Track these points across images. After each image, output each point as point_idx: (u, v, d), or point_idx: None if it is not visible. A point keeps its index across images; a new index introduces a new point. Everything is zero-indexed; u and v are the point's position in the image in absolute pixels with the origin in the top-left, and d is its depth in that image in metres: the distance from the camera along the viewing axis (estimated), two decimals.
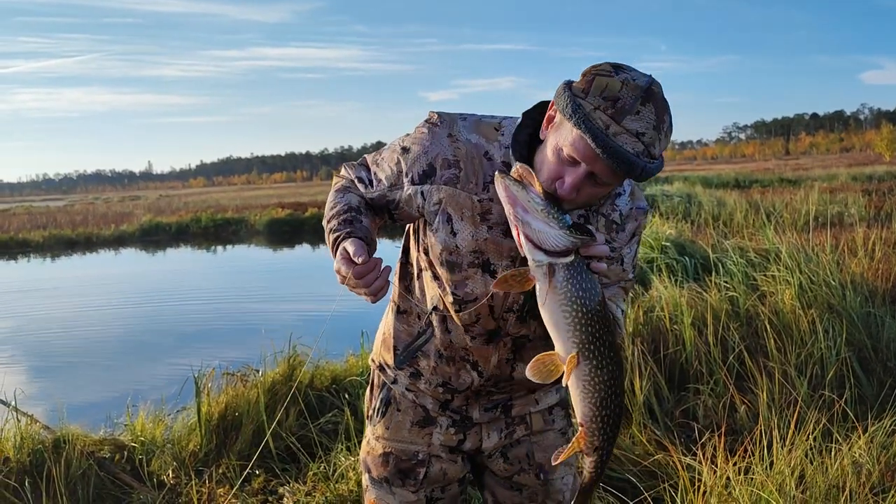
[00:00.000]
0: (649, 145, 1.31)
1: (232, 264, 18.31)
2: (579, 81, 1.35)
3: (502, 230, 1.51)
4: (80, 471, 3.45)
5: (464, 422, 1.75)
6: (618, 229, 1.60)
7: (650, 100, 1.31)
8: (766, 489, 2.34)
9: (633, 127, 1.29)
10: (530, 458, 1.79)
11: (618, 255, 1.61)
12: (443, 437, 1.75)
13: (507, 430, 1.78)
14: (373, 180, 1.63)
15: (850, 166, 36.30)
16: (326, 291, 12.38)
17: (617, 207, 1.60)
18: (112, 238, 24.38)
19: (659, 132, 1.32)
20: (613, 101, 1.30)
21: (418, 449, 1.75)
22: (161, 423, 4.15)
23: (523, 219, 1.31)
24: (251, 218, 26.07)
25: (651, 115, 1.30)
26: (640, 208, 1.64)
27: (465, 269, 1.55)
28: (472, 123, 1.56)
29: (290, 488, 3.46)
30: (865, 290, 4.87)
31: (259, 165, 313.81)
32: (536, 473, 1.80)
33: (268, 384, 4.25)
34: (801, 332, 4.19)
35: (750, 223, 9.01)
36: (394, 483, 1.76)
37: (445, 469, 1.76)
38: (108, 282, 15.01)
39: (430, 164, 1.53)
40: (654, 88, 1.32)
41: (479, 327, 1.61)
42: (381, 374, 1.81)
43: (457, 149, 1.52)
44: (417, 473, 1.75)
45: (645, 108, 1.30)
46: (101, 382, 6.99)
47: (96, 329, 9.87)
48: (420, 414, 1.76)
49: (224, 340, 8.47)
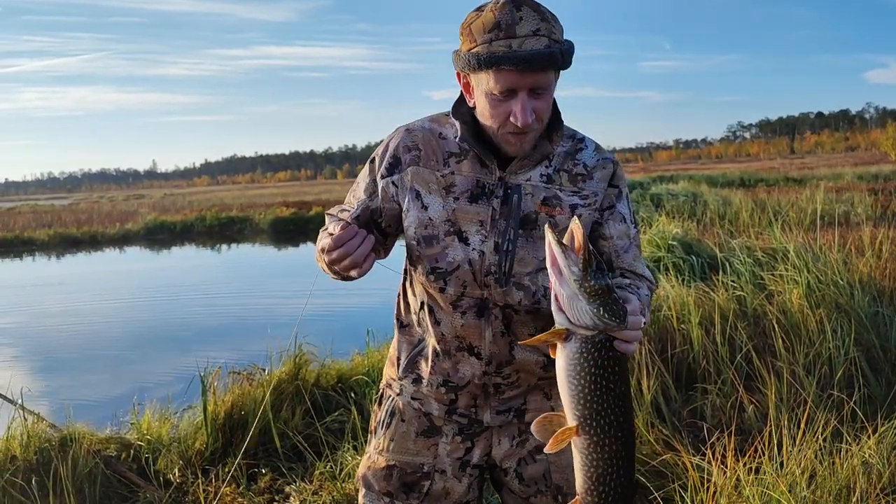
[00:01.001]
0: (549, 34, 1.44)
1: (237, 263, 18.33)
2: (462, 43, 1.51)
3: (467, 198, 1.59)
4: (86, 469, 3.45)
5: (471, 426, 1.70)
6: (585, 178, 1.64)
7: (521, 4, 1.44)
8: (776, 489, 2.32)
9: (527, 30, 1.43)
10: (547, 478, 1.72)
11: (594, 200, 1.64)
12: (449, 446, 1.71)
13: (519, 437, 1.71)
14: (352, 201, 1.74)
15: (856, 165, 36.18)
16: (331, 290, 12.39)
17: (579, 161, 1.65)
18: (117, 237, 24.43)
19: (548, 21, 1.45)
20: (497, 27, 1.43)
21: (423, 461, 1.71)
22: (167, 421, 4.15)
23: (557, 280, 1.31)
24: (255, 217, 26.11)
25: (531, 12, 1.44)
26: (608, 158, 1.68)
27: (442, 238, 1.60)
28: (426, 118, 1.70)
29: (297, 487, 3.46)
30: (873, 290, 4.85)
31: (263, 164, 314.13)
32: (554, 496, 1.72)
33: (274, 383, 4.25)
34: (809, 332, 4.17)
35: (756, 222, 8.99)
36: (397, 497, 1.72)
37: (449, 488, 1.71)
38: (114, 280, 15.04)
39: (393, 155, 1.66)
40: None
41: (467, 300, 1.61)
42: (387, 390, 1.81)
43: (414, 136, 1.66)
44: (422, 486, 1.70)
45: (522, 11, 1.43)
46: (106, 381, 7.00)
47: (101, 327, 9.89)
48: (425, 423, 1.72)
49: (229, 339, 8.48)
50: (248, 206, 30.60)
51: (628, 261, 1.66)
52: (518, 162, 1.58)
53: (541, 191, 1.60)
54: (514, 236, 1.58)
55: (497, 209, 1.58)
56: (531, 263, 1.59)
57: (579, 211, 1.61)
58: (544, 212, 1.59)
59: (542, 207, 1.59)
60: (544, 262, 1.55)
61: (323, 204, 28.42)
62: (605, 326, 1.27)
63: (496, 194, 1.58)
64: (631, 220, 1.69)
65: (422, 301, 1.67)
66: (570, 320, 1.29)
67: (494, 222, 1.58)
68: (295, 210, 26.68)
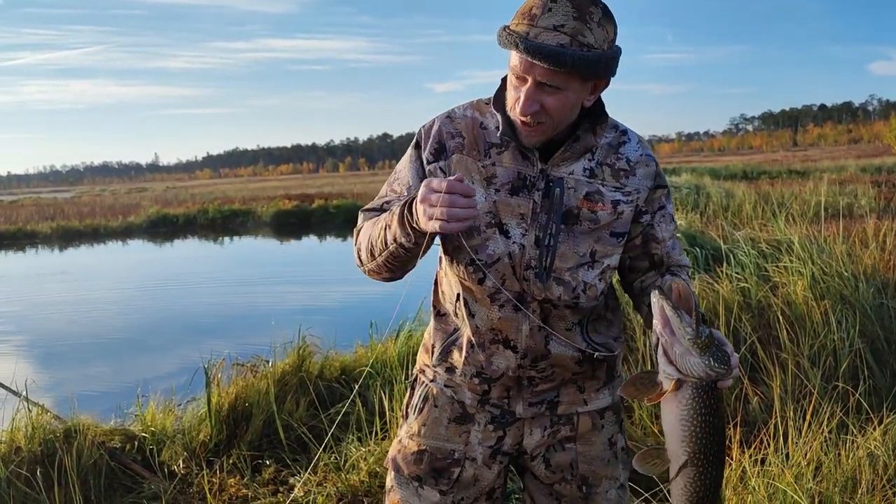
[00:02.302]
0: (575, 35, 1.40)
1: (239, 255, 18.35)
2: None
3: (508, 190, 1.57)
4: (91, 460, 3.45)
5: (504, 417, 1.69)
6: (627, 174, 1.61)
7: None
8: (782, 480, 2.32)
9: (549, 23, 1.39)
10: (574, 467, 1.71)
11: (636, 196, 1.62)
12: (481, 434, 1.69)
13: (551, 428, 1.70)
14: (396, 190, 1.68)
15: (859, 158, 36.15)
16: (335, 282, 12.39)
17: (622, 155, 1.62)
18: (119, 229, 24.45)
19: (584, 21, 1.40)
20: (528, 12, 1.42)
21: (454, 448, 1.70)
22: (171, 413, 4.15)
23: (669, 339, 1.36)
24: (258, 209, 26.11)
25: (566, 7, 1.40)
26: (649, 155, 1.65)
27: (484, 230, 1.57)
28: (468, 104, 1.67)
29: (301, 478, 3.46)
30: (878, 282, 4.83)
31: (265, 157, 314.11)
32: (579, 485, 1.71)
33: (277, 374, 4.25)
34: (813, 324, 4.16)
35: (760, 214, 8.96)
36: (426, 482, 1.70)
37: (478, 475, 1.70)
38: (117, 273, 15.06)
39: (438, 141, 1.63)
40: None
41: (505, 294, 1.58)
42: (421, 376, 1.79)
43: (456, 123, 1.63)
44: (451, 473, 1.69)
45: (557, 4, 1.40)
46: (110, 373, 7.01)
47: (105, 320, 9.91)
48: (458, 410, 1.71)
49: (233, 331, 8.48)
50: (250, 199, 30.60)
51: (676, 257, 1.69)
52: (561, 154, 1.56)
53: (583, 185, 1.58)
54: (555, 231, 1.56)
55: (538, 202, 1.56)
56: (572, 258, 1.58)
57: (621, 207, 1.59)
58: (587, 207, 1.57)
59: (584, 202, 1.57)
60: (585, 258, 1.58)
61: (325, 196, 28.44)
62: (717, 375, 1.35)
63: (538, 187, 1.56)
64: (672, 216, 1.70)
65: (457, 293, 1.65)
66: (682, 372, 1.36)
67: (535, 216, 1.56)
68: (297, 203, 26.68)
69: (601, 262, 1.60)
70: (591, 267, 1.59)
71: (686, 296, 1.38)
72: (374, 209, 1.69)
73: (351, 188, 36.42)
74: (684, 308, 1.36)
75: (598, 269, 1.60)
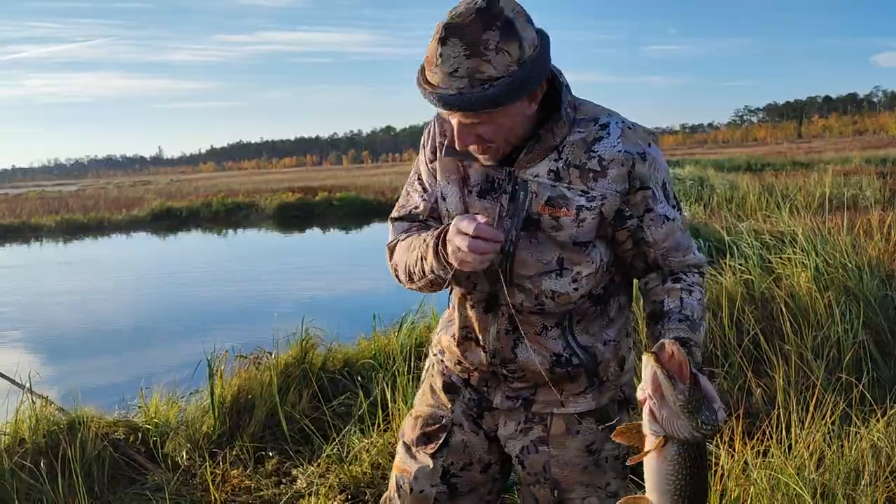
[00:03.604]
0: (472, 75, 1.34)
1: (243, 248, 18.36)
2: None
3: (477, 192, 1.56)
4: (94, 452, 3.46)
5: (482, 402, 1.72)
6: (597, 177, 1.48)
7: (450, 35, 1.33)
8: (785, 472, 2.32)
9: (444, 70, 1.35)
10: (546, 471, 1.68)
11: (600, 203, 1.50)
12: (465, 405, 1.74)
13: (524, 424, 1.69)
14: (411, 194, 1.70)
15: (864, 149, 35.95)
16: (338, 274, 12.40)
17: (595, 153, 1.49)
18: (124, 222, 24.47)
19: (479, 55, 1.33)
20: (429, 58, 1.38)
21: (443, 414, 1.75)
22: (175, 405, 4.16)
23: (658, 402, 1.32)
24: (261, 202, 26.11)
25: (455, 48, 1.33)
26: (629, 151, 1.49)
27: None
28: None
29: (304, 470, 3.47)
30: (882, 273, 4.82)
31: (269, 150, 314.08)
32: (551, 489, 1.69)
33: (280, 367, 4.25)
34: (817, 315, 4.15)
35: (764, 206, 8.93)
36: (417, 445, 1.75)
37: (467, 441, 1.71)
38: (121, 265, 15.08)
39: (432, 143, 1.65)
40: (456, 19, 1.34)
41: (478, 293, 1.61)
42: (430, 349, 1.86)
43: (442, 124, 1.62)
44: (438, 437, 1.73)
45: (447, 47, 1.33)
46: (114, 365, 7.04)
47: (109, 312, 9.94)
48: (447, 380, 1.76)
49: (236, 323, 8.50)
50: (254, 192, 30.60)
51: (678, 259, 1.59)
52: (524, 156, 1.50)
53: (546, 189, 1.50)
54: (515, 237, 1.51)
55: (505, 206, 1.52)
56: (534, 266, 1.53)
57: (583, 214, 1.49)
58: (548, 213, 1.50)
59: (545, 208, 1.50)
60: (550, 265, 1.53)
61: (329, 189, 28.43)
62: (703, 436, 1.32)
63: (505, 190, 1.52)
64: (675, 208, 1.58)
65: (451, 286, 1.70)
66: (667, 433, 1.33)
67: (501, 220, 1.52)
68: (301, 195, 26.67)
69: (570, 270, 1.53)
70: (560, 275, 1.53)
71: (680, 360, 1.31)
72: (404, 218, 1.71)
73: (354, 181, 36.40)
74: (675, 371, 1.31)
75: (567, 276, 1.54)
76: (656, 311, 1.58)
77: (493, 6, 1.34)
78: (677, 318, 1.53)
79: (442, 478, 1.72)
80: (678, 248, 1.59)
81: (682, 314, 1.53)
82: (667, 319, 1.54)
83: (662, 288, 1.59)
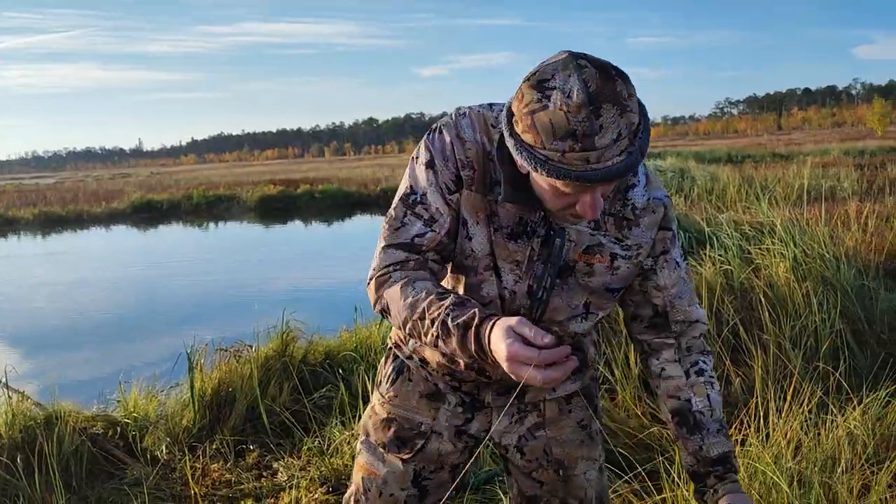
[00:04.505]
0: (627, 135, 1.19)
1: (224, 241, 18.25)
2: (520, 125, 1.23)
3: (507, 234, 1.44)
4: (72, 447, 3.43)
5: (474, 403, 1.69)
6: (630, 225, 1.47)
7: (599, 101, 1.16)
8: (762, 461, 2.33)
9: (607, 141, 1.17)
10: (548, 453, 1.71)
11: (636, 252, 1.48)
12: (450, 413, 1.68)
13: (518, 415, 1.70)
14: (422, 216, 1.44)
15: (843, 141, 36.37)
16: (320, 267, 12.36)
17: (629, 201, 1.46)
18: (103, 215, 24.25)
19: (625, 108, 1.18)
20: (572, 135, 1.16)
21: (422, 420, 1.69)
22: (154, 399, 4.13)
23: None
24: (243, 195, 25.94)
25: (611, 112, 1.16)
26: (657, 198, 1.49)
27: (481, 272, 1.48)
28: (473, 119, 1.46)
29: (285, 463, 3.46)
30: (859, 263, 4.87)
31: (250, 142, 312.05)
32: (556, 470, 1.72)
33: (261, 359, 4.23)
34: (795, 305, 4.19)
35: (743, 197, 9.00)
36: (389, 450, 1.70)
37: (442, 449, 1.69)
38: (101, 258, 14.94)
39: (455, 172, 1.44)
40: (592, 86, 1.16)
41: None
42: (396, 350, 1.76)
43: (468, 149, 1.43)
44: (415, 444, 1.69)
45: (602, 115, 1.16)
46: (93, 359, 6.97)
47: (88, 306, 9.84)
48: (431, 388, 1.69)
49: (217, 316, 8.45)
50: (235, 185, 30.40)
51: (683, 308, 1.56)
52: None
53: (585, 238, 1.45)
54: (550, 284, 1.46)
55: (536, 250, 1.44)
56: (564, 312, 1.51)
57: (618, 263, 1.47)
58: (584, 260, 1.46)
59: (582, 256, 1.46)
60: (578, 310, 1.50)
61: (310, 182, 28.30)
62: None
63: (538, 234, 1.44)
64: (682, 259, 1.57)
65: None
66: None
67: (531, 264, 1.45)
68: (282, 188, 26.55)
69: (595, 314, 1.53)
70: (585, 318, 1.53)
71: None
72: (401, 247, 1.44)
73: (336, 173, 36.28)
74: None
75: (591, 320, 1.54)
76: (684, 411, 1.54)
77: (597, 59, 1.23)
78: (715, 427, 1.53)
79: (413, 481, 1.70)
80: (683, 294, 1.56)
81: (716, 419, 1.53)
82: (706, 432, 1.52)
83: (686, 382, 1.55)
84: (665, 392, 1.58)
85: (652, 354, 1.60)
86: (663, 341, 1.57)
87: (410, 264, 1.43)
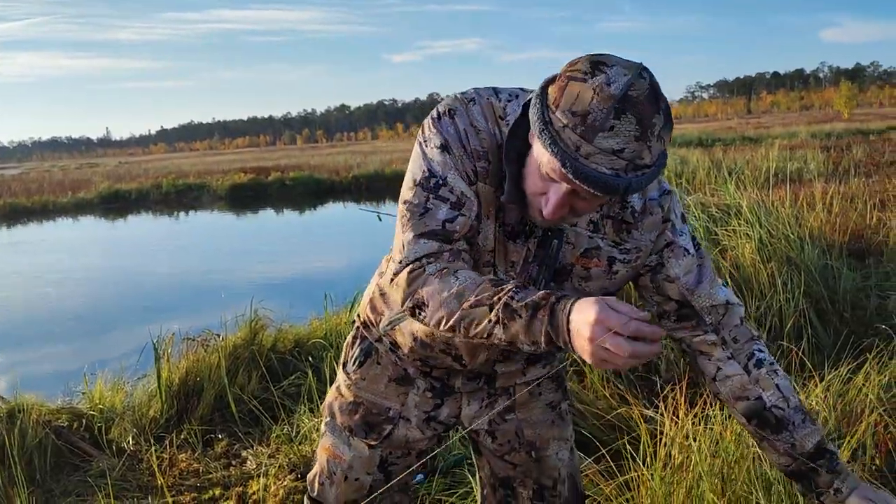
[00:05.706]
0: (633, 159, 1.15)
1: (194, 230, 18.05)
2: (554, 86, 1.19)
3: (507, 231, 1.40)
4: (35, 440, 3.38)
5: (443, 388, 1.67)
6: (630, 228, 1.43)
7: (627, 109, 1.12)
8: (724, 438, 2.36)
9: (608, 145, 1.13)
10: (520, 436, 1.71)
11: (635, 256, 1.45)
12: (419, 398, 1.67)
13: (488, 399, 1.69)
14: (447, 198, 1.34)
15: (810, 124, 36.80)
16: (290, 254, 12.27)
17: (629, 204, 1.42)
18: (70, 206, 23.86)
19: (646, 140, 1.14)
20: (584, 116, 1.13)
21: (391, 406, 1.67)
22: (120, 390, 4.08)
23: None
24: (213, 183, 25.66)
25: (630, 125, 1.12)
26: (652, 199, 1.44)
27: (481, 268, 1.43)
28: (483, 108, 1.38)
29: (253, 451, 3.43)
30: (823, 243, 4.94)
31: (221, 130, 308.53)
32: (528, 451, 1.72)
33: (229, 348, 4.20)
34: (760, 285, 4.24)
35: (712, 180, 9.07)
36: (356, 433, 1.68)
37: (409, 436, 1.68)
38: (66, 250, 14.70)
39: (473, 163, 1.36)
40: (634, 92, 1.13)
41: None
42: (364, 331, 1.72)
43: (482, 139, 1.36)
44: (383, 429, 1.67)
45: (621, 122, 1.12)
46: (60, 353, 6.87)
47: (54, 298, 9.68)
48: (400, 372, 1.67)
49: (186, 306, 8.36)
50: (205, 173, 30.06)
51: (706, 292, 1.48)
52: None
53: (584, 241, 1.41)
54: (543, 287, 1.40)
55: (532, 250, 1.40)
56: None
57: (616, 267, 1.44)
58: (581, 264, 1.43)
59: (579, 259, 1.42)
60: None
61: (282, 169, 28.06)
62: None
63: (535, 234, 1.40)
64: (694, 247, 1.50)
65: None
66: None
67: (526, 265, 1.41)
68: (253, 176, 26.31)
69: None
70: None
71: None
72: (434, 236, 1.32)
73: (308, 160, 36.00)
74: None
75: None
76: (759, 410, 1.47)
77: (657, 86, 1.18)
78: (799, 418, 1.46)
79: (379, 466, 1.69)
80: (701, 279, 1.49)
81: (795, 408, 1.47)
82: (792, 427, 1.45)
83: (748, 379, 1.48)
84: (730, 395, 1.49)
85: (699, 355, 1.52)
86: (704, 339, 1.50)
87: (445, 255, 1.31)
